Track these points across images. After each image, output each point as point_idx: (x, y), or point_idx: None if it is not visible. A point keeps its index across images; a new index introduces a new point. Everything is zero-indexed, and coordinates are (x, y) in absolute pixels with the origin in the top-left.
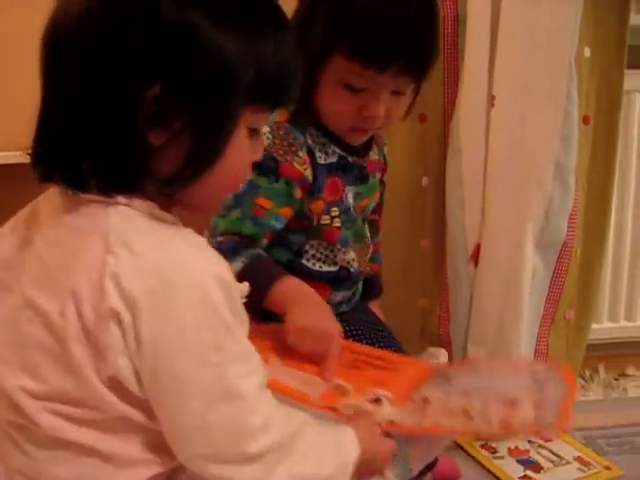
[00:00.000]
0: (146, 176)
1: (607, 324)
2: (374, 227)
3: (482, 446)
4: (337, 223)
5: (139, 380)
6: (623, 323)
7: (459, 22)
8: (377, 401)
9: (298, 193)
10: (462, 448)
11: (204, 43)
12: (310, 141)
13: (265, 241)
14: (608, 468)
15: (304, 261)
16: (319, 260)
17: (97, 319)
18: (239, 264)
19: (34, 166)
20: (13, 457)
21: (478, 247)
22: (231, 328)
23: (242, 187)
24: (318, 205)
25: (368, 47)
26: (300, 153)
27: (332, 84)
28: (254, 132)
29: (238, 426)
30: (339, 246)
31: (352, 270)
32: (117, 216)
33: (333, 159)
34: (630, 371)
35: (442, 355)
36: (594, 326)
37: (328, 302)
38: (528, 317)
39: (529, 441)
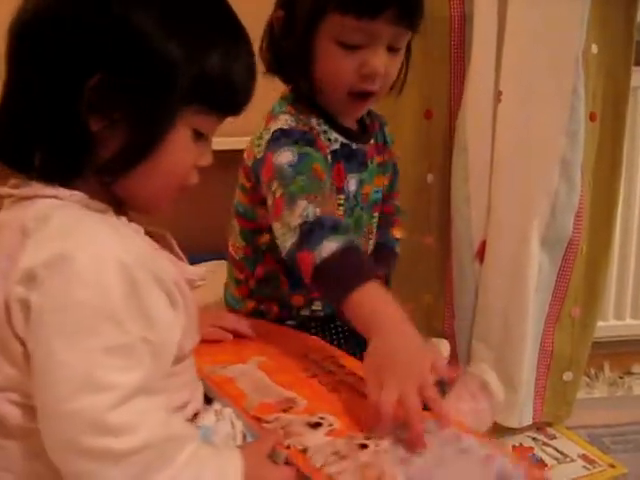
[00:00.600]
0: (86, 161)
1: (613, 322)
2: (389, 218)
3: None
4: (340, 211)
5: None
6: (629, 321)
7: (466, 19)
8: (316, 425)
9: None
10: None
11: (145, 43)
12: (316, 125)
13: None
14: (613, 466)
15: None
16: None
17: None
18: (335, 244)
19: None
20: None
21: (484, 244)
22: (119, 318)
23: (292, 158)
24: None
25: None
26: (321, 137)
27: (328, 46)
28: (200, 135)
29: (99, 420)
30: None
31: None
32: (40, 204)
33: (336, 146)
34: (635, 369)
35: (444, 346)
36: (600, 324)
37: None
38: (533, 314)
39: (533, 438)
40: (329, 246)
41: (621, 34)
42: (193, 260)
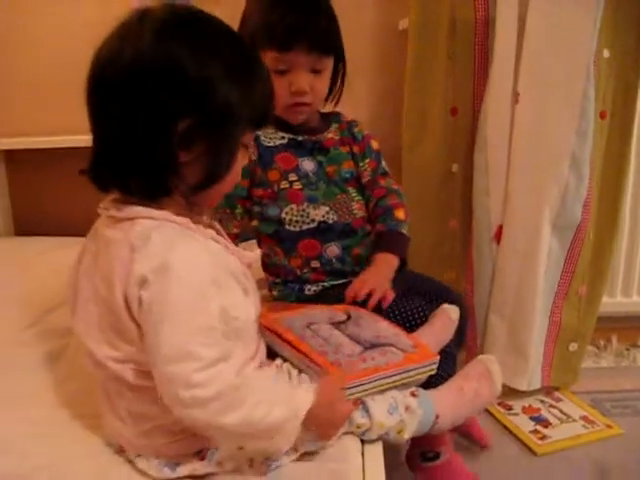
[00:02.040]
0: (176, 185)
1: (621, 299)
2: (369, 188)
3: (499, 404)
4: (297, 185)
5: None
6: (636, 298)
7: (489, 24)
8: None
9: (253, 166)
10: None
11: (218, 93)
12: (257, 131)
13: (240, 208)
14: (610, 426)
15: (287, 227)
16: (297, 222)
17: (130, 294)
18: None
19: (93, 181)
20: (116, 400)
21: (500, 228)
22: (207, 309)
23: None
24: (274, 174)
25: (276, 36)
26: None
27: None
28: (246, 147)
29: (187, 379)
30: (307, 204)
31: (331, 222)
32: (139, 227)
33: (283, 141)
34: None
35: (453, 311)
36: (609, 300)
37: (323, 257)
38: (543, 291)
39: (541, 401)
40: None
41: (632, 39)
42: None
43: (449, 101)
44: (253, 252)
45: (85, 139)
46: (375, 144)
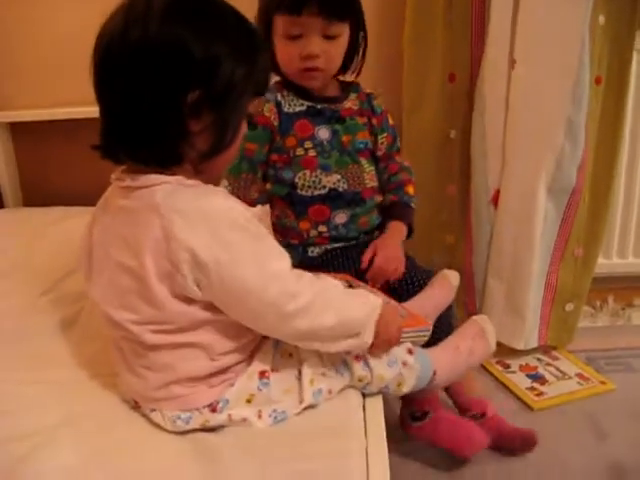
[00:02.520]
0: (186, 153)
1: (616, 260)
2: (383, 161)
3: (497, 362)
4: (312, 153)
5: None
6: (631, 259)
7: None
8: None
9: (271, 133)
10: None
11: (224, 71)
12: (280, 98)
13: (260, 172)
14: (603, 383)
15: (299, 191)
16: (309, 187)
17: (171, 266)
18: None
19: (104, 153)
20: (132, 358)
21: (498, 192)
22: (257, 236)
23: None
24: (291, 141)
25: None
26: (267, 106)
27: (279, 41)
28: (248, 115)
29: (287, 293)
30: (320, 171)
31: (341, 190)
32: (160, 194)
33: (302, 108)
34: (636, 302)
35: (453, 276)
36: (605, 261)
37: (331, 223)
38: (540, 254)
39: (538, 359)
40: None
41: (627, 5)
42: None
43: (447, 67)
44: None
45: (90, 110)
46: (391, 120)
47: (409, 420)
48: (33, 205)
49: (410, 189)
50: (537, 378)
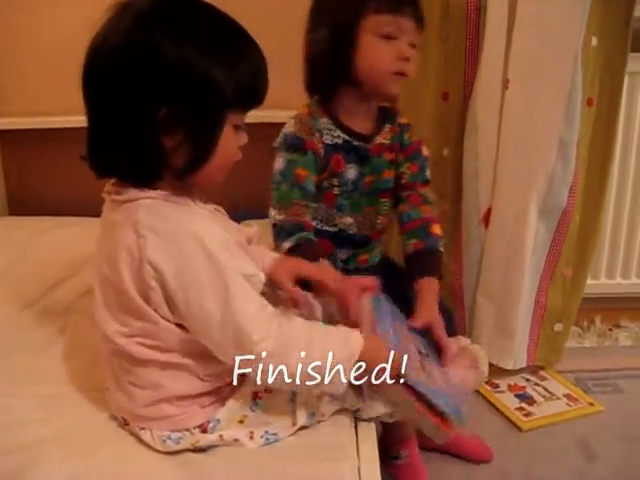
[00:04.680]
0: (165, 168)
1: (604, 280)
2: (405, 191)
3: (486, 382)
4: (335, 191)
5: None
6: (619, 280)
7: (481, 10)
8: None
9: (319, 162)
10: None
11: (197, 76)
12: (321, 127)
13: (313, 205)
14: (592, 404)
15: (312, 220)
16: (321, 221)
17: (144, 283)
18: (289, 244)
19: (91, 167)
20: (121, 374)
21: (489, 211)
22: (226, 268)
23: (282, 165)
24: (325, 173)
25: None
26: (316, 134)
27: (370, 40)
28: (237, 127)
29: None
30: (335, 210)
31: (351, 232)
32: (142, 210)
33: (338, 141)
34: (623, 322)
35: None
36: (593, 282)
37: (332, 257)
38: (530, 273)
39: (527, 379)
40: (285, 245)
41: (619, 27)
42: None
43: (441, 86)
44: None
45: (77, 120)
46: (425, 151)
47: (384, 456)
48: (18, 215)
49: (436, 229)
50: (525, 398)
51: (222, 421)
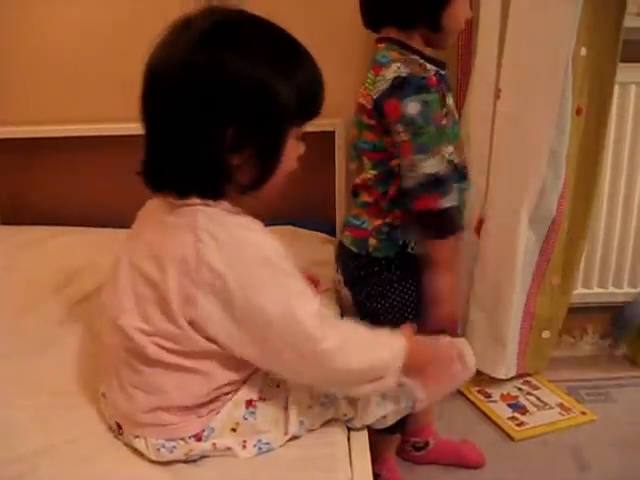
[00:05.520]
0: (229, 185)
1: (597, 289)
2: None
3: (478, 391)
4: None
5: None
6: (612, 289)
7: (473, 24)
8: None
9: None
10: (461, 393)
11: (263, 92)
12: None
13: (453, 144)
14: (584, 413)
15: None
16: None
17: (194, 287)
18: (450, 203)
19: (146, 183)
20: (126, 374)
21: (481, 221)
22: (287, 273)
23: (417, 108)
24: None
25: None
26: (429, 70)
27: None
28: (299, 138)
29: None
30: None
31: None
32: (201, 215)
33: (433, 73)
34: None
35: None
36: (585, 291)
37: None
38: (520, 282)
39: (519, 388)
40: (451, 201)
41: (609, 38)
42: None
43: None
44: None
45: (70, 129)
46: None
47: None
48: (11, 224)
49: None
50: (518, 407)
51: (216, 429)
